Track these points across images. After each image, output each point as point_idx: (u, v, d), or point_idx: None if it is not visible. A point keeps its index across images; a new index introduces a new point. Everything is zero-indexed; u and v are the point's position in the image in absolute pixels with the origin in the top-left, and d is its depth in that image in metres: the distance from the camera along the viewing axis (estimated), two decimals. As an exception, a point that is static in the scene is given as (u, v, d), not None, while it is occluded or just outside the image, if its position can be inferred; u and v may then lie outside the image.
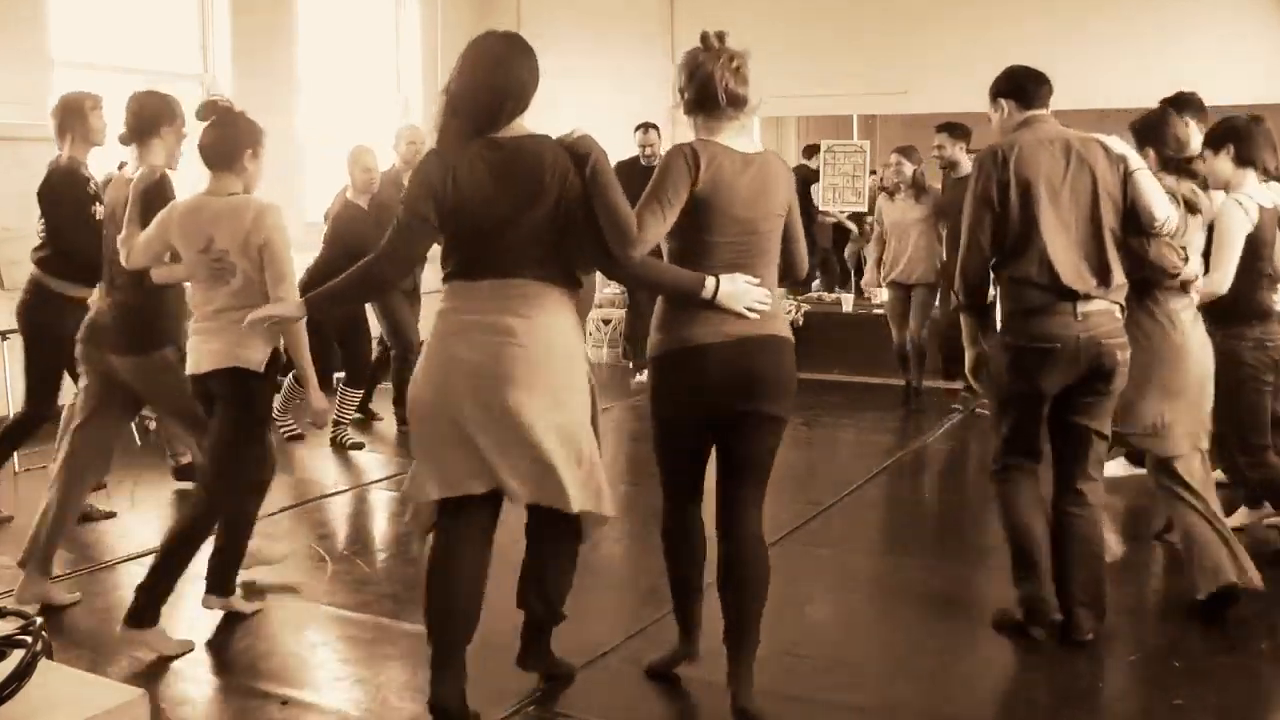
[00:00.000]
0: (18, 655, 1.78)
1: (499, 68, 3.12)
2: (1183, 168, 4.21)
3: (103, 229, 4.40)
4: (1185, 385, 4.08)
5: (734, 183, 3.21)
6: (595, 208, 3.09)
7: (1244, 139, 4.43)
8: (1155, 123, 4.27)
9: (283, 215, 3.90)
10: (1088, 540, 3.86)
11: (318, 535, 5.19)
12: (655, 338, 3.33)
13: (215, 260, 3.82)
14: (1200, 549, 4.05)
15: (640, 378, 8.24)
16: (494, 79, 3.11)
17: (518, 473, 3.14)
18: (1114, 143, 3.92)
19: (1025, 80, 3.94)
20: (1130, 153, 3.93)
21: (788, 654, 3.78)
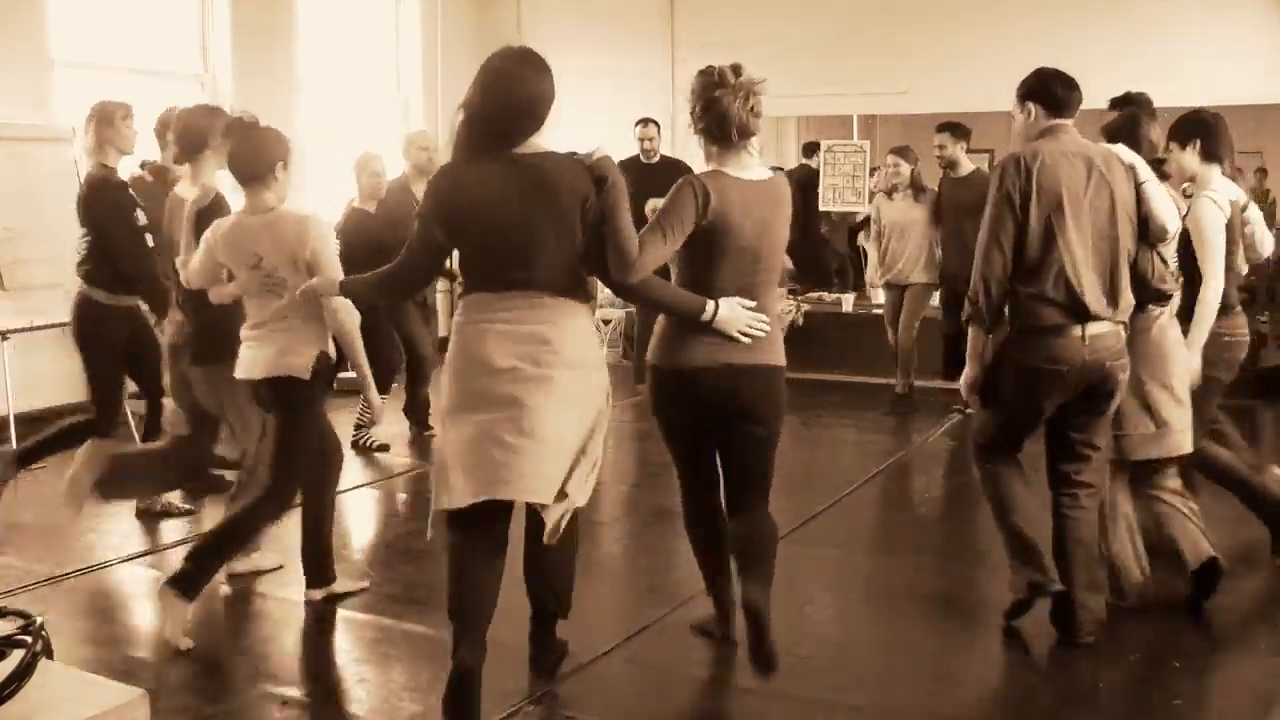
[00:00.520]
0: (18, 655, 1.79)
1: (516, 86, 3.15)
2: (1158, 170, 4.16)
3: (146, 239, 4.70)
4: (1175, 383, 4.08)
5: (741, 217, 3.32)
6: (604, 229, 3.16)
7: (1211, 133, 4.43)
8: (1128, 127, 4.19)
9: (323, 224, 3.97)
10: (1085, 544, 3.85)
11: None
12: (655, 349, 3.48)
13: (266, 276, 3.92)
14: (1180, 529, 4.03)
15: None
16: (511, 97, 3.14)
17: (539, 474, 3.16)
18: (1123, 152, 3.89)
19: (1057, 85, 3.81)
20: (1139, 162, 3.89)
21: (788, 654, 3.77)
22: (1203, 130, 4.43)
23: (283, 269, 3.89)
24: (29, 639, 1.81)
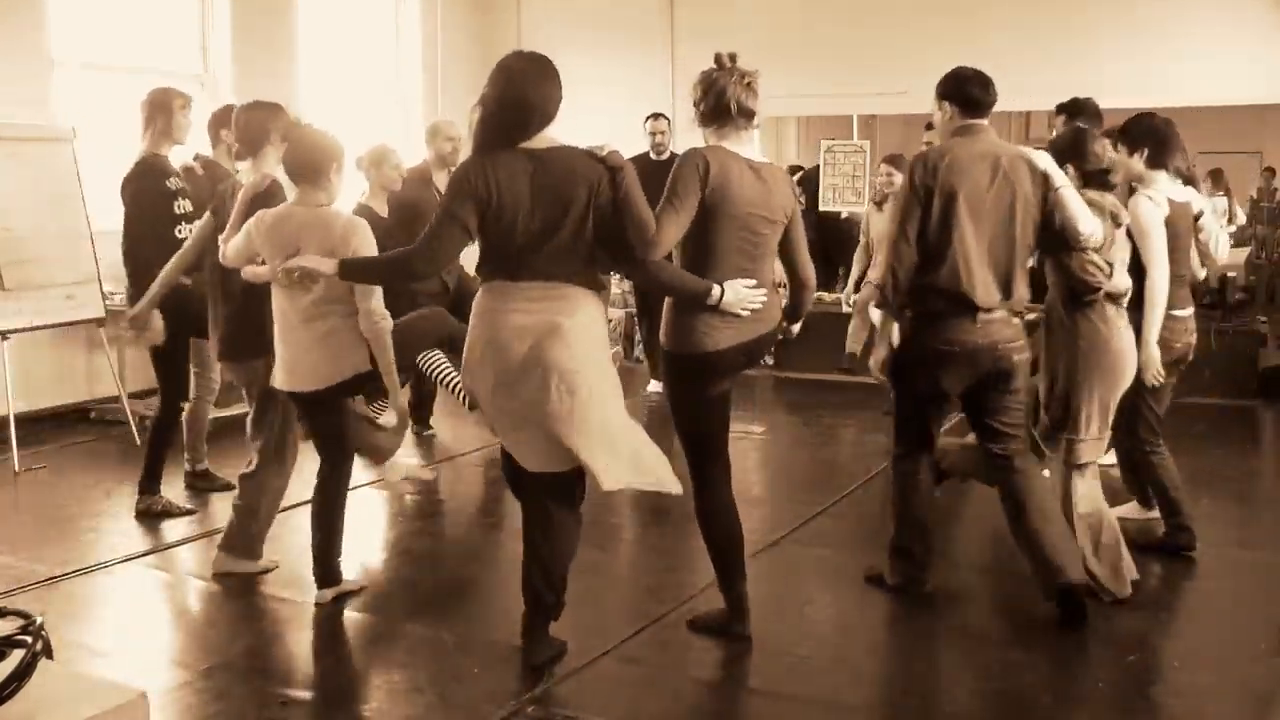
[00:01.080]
0: (18, 655, 1.79)
1: (529, 84, 3.38)
2: (1104, 182, 4.29)
3: (181, 224, 4.88)
4: (1121, 387, 4.22)
5: (739, 187, 3.56)
6: (623, 214, 3.39)
7: (1160, 141, 4.51)
8: (1075, 141, 4.33)
9: (369, 230, 4.01)
10: (1040, 511, 3.98)
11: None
12: (673, 338, 3.68)
13: (296, 272, 3.92)
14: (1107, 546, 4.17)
15: (654, 386, 8.14)
16: (524, 94, 3.37)
17: (558, 450, 3.42)
18: (1040, 158, 4.03)
19: (971, 86, 4.02)
20: (1054, 169, 4.03)
21: (788, 654, 3.78)
22: (1153, 138, 4.53)
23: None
24: (29, 639, 1.81)
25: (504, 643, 3.78)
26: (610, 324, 10.17)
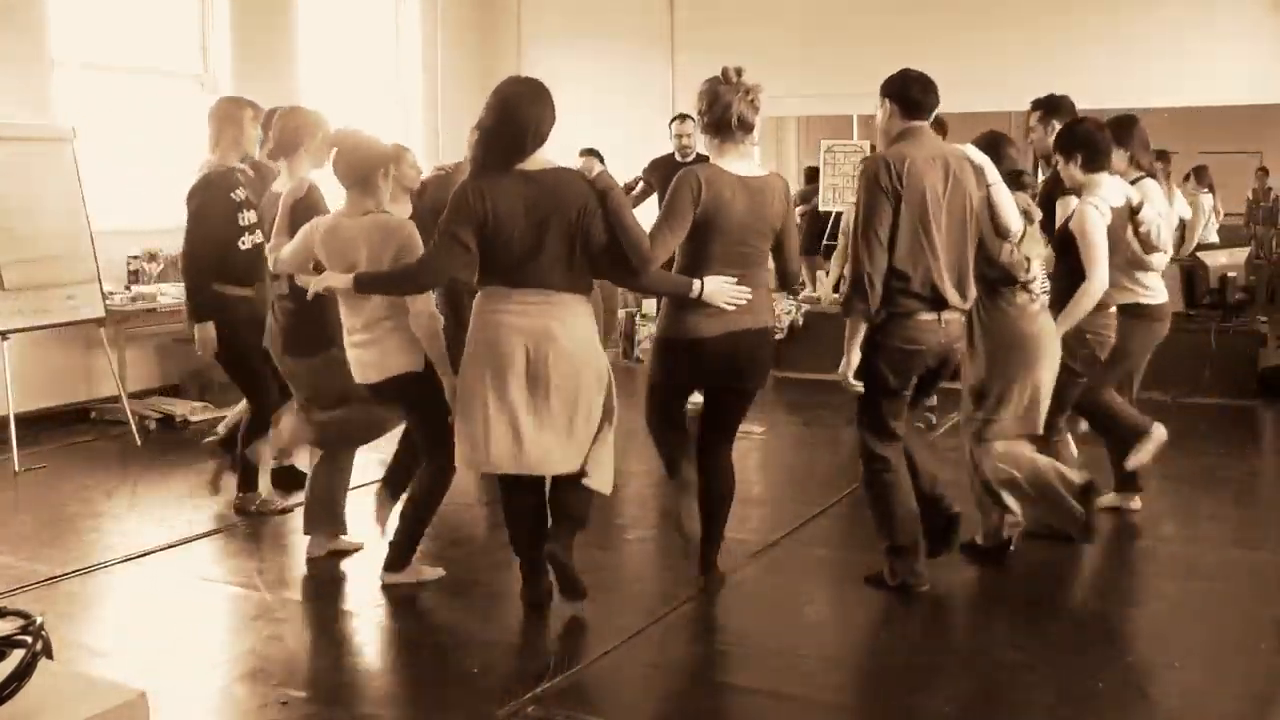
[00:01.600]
0: (18, 655, 1.78)
1: (524, 107, 3.67)
2: (1018, 181, 4.42)
3: (245, 235, 4.95)
4: (1046, 376, 4.39)
5: (730, 205, 3.82)
6: (617, 234, 3.67)
7: (1091, 146, 4.65)
8: (992, 143, 4.44)
9: (416, 232, 4.06)
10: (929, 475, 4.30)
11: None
12: (666, 326, 3.98)
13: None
14: (1052, 471, 4.48)
15: None
16: (519, 116, 3.65)
17: (552, 449, 3.74)
18: (973, 153, 4.17)
19: (913, 88, 4.08)
20: (988, 164, 4.17)
21: (788, 654, 3.78)
22: (1083, 144, 4.68)
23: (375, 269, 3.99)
24: (29, 639, 1.81)
25: (504, 643, 3.78)
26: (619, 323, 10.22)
